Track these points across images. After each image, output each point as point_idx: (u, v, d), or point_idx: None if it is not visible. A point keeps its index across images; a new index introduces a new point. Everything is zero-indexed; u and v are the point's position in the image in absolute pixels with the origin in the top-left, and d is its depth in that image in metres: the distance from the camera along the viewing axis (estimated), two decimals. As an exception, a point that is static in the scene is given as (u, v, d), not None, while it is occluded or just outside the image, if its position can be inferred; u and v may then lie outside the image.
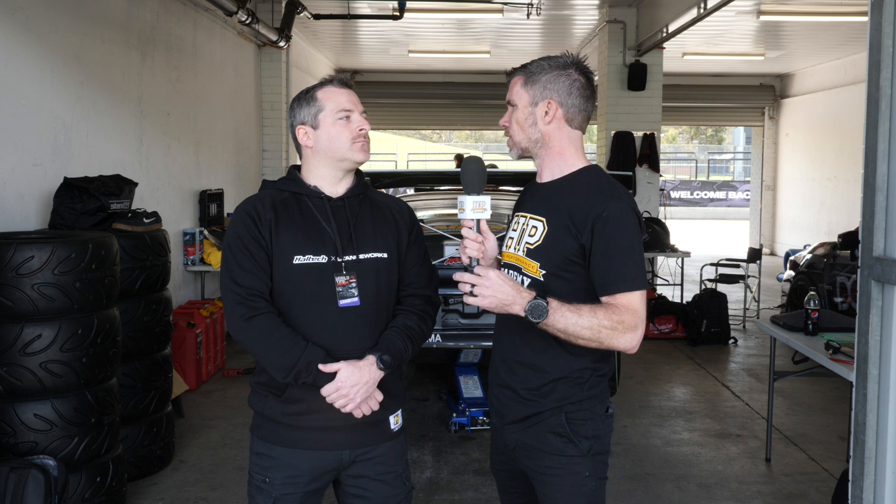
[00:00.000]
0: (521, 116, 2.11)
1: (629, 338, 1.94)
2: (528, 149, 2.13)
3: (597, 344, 1.94)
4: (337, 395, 2.07)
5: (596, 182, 2.08)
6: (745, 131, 29.60)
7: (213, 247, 6.95)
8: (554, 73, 2.09)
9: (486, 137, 34.42)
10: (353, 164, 2.20)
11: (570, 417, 2.07)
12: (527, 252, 2.08)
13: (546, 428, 2.08)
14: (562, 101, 2.08)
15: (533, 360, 2.09)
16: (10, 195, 4.29)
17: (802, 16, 9.92)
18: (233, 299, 2.09)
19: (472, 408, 5.12)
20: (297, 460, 2.16)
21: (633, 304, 1.95)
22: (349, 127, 2.16)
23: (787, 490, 4.29)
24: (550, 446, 2.08)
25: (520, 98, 2.11)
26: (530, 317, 1.90)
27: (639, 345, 1.96)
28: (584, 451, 2.07)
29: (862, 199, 2.36)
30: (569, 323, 1.91)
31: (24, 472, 3.23)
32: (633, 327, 1.94)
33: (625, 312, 1.94)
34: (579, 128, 2.13)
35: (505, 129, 2.17)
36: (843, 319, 4.49)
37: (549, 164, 2.13)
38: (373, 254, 2.18)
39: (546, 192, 2.13)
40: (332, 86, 2.20)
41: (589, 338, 1.93)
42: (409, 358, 2.21)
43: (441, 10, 9.86)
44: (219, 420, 5.32)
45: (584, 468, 2.07)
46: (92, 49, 5.25)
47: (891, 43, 2.25)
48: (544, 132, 2.09)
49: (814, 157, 14.36)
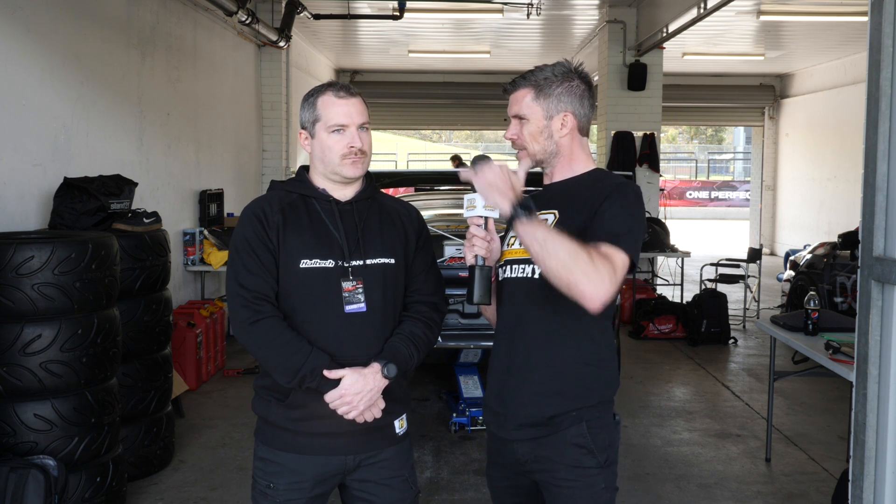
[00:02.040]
0: (534, 130, 2.09)
1: (597, 283, 1.82)
2: (543, 160, 2.13)
3: (565, 276, 1.83)
4: (340, 402, 2.06)
5: (608, 177, 2.12)
6: (745, 131, 29.59)
7: (213, 247, 6.94)
8: (565, 84, 2.08)
9: (486, 137, 34.42)
10: (343, 179, 2.16)
11: (591, 426, 2.05)
12: None
13: (565, 438, 2.05)
14: (575, 111, 2.09)
15: (547, 360, 2.07)
16: (10, 195, 4.28)
17: (802, 16, 9.92)
18: (238, 302, 2.08)
19: (472, 408, 5.12)
20: (302, 466, 2.14)
21: (613, 257, 1.89)
22: (341, 142, 2.12)
23: (787, 490, 4.29)
24: (568, 458, 2.05)
25: (531, 112, 2.09)
26: (519, 209, 1.88)
27: (600, 303, 1.83)
28: (601, 463, 2.06)
29: (862, 199, 2.36)
30: (548, 235, 1.85)
31: (24, 472, 3.23)
32: (603, 277, 1.83)
33: (605, 259, 1.86)
34: (587, 133, 2.17)
35: (512, 142, 2.15)
36: (843, 319, 4.49)
37: (561, 168, 2.14)
38: (380, 259, 2.16)
39: (557, 189, 2.14)
40: (332, 94, 2.14)
41: (559, 263, 1.82)
42: (415, 366, 2.19)
43: (441, 10, 9.86)
44: (219, 420, 5.32)
45: (600, 480, 2.06)
46: (92, 49, 5.25)
47: (891, 43, 2.25)
48: (559, 143, 2.10)
49: (814, 157, 14.36)
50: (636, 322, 8.26)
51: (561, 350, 2.06)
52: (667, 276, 10.81)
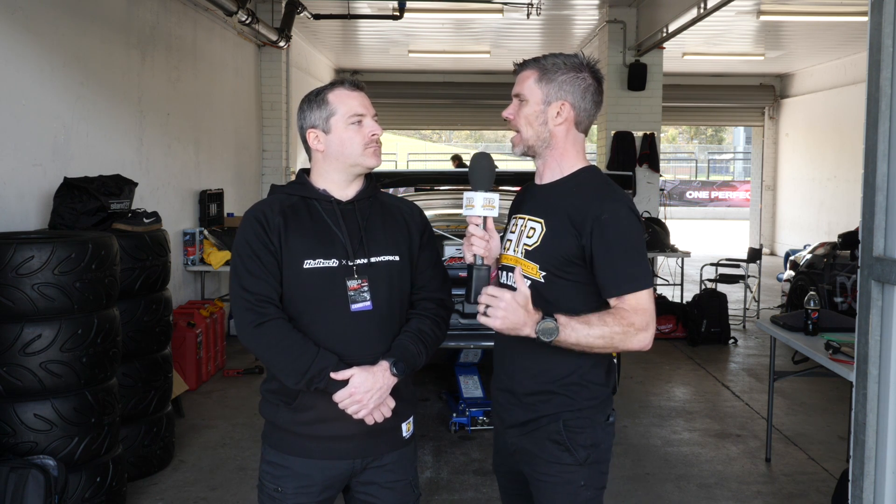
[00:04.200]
0: (530, 112, 2.07)
1: (641, 337, 1.96)
2: (533, 147, 2.10)
3: (611, 349, 1.97)
4: (350, 401, 2.04)
5: (593, 182, 2.07)
6: (745, 131, 29.60)
7: (213, 247, 6.94)
8: (570, 73, 2.06)
9: (486, 137, 34.42)
10: (365, 170, 2.17)
11: (568, 425, 2.06)
12: (525, 254, 2.07)
13: (544, 434, 2.07)
14: (574, 103, 2.06)
15: (533, 366, 2.08)
16: (10, 195, 4.28)
17: (802, 16, 9.92)
18: (242, 306, 2.06)
19: (472, 408, 5.12)
20: (310, 470, 2.13)
21: (641, 304, 1.95)
22: (361, 132, 2.12)
23: (787, 490, 4.29)
24: (547, 453, 2.07)
25: (532, 93, 2.07)
26: (542, 337, 1.90)
27: (651, 342, 1.98)
28: (580, 461, 2.05)
29: (862, 199, 2.35)
30: (580, 336, 1.92)
31: (24, 472, 3.23)
32: (644, 327, 1.95)
33: (634, 314, 1.94)
34: (584, 131, 2.13)
35: (508, 120, 2.13)
36: (843, 319, 4.49)
37: (551, 164, 2.12)
38: (384, 257, 2.15)
39: (545, 193, 2.12)
40: (343, 88, 2.15)
41: (603, 346, 1.95)
42: (423, 363, 2.18)
43: (441, 10, 9.86)
44: (219, 420, 5.32)
45: (579, 477, 2.06)
46: (92, 49, 5.25)
47: (891, 43, 2.24)
48: (553, 132, 2.08)
49: (814, 157, 14.36)
50: (636, 322, 8.24)
51: (548, 358, 2.05)
52: (667, 276, 10.81)
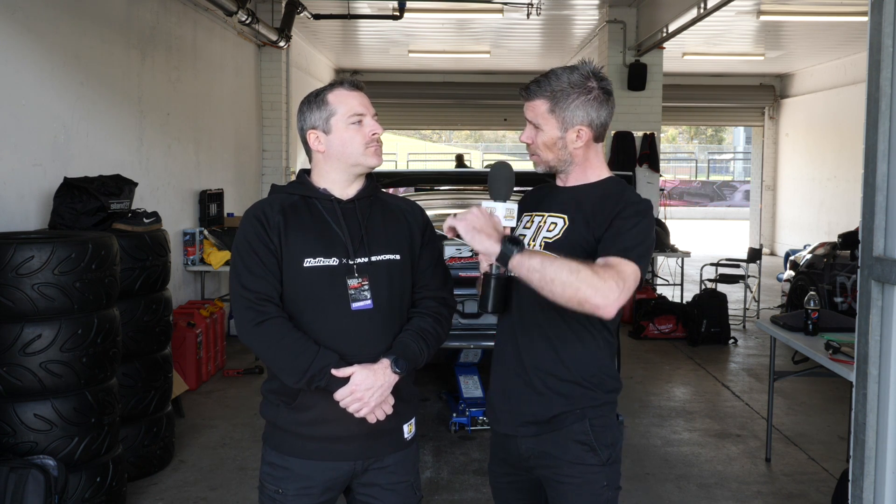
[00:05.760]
0: (548, 140, 2.09)
1: (606, 292, 1.83)
2: (556, 167, 2.13)
3: (573, 292, 1.83)
4: (351, 399, 2.03)
5: (620, 192, 2.10)
6: (745, 131, 29.59)
7: (213, 247, 6.94)
8: (581, 94, 2.05)
9: (486, 137, 34.41)
10: (366, 169, 2.17)
11: (594, 424, 2.06)
12: (545, 245, 2.07)
13: (568, 435, 2.06)
14: (591, 122, 2.08)
15: (550, 358, 2.07)
16: (10, 195, 4.28)
17: (802, 16, 9.92)
18: (242, 304, 2.05)
19: (472, 408, 5.12)
20: (311, 471, 2.12)
21: (622, 268, 1.90)
22: (362, 131, 2.12)
23: (787, 490, 4.29)
24: (571, 454, 2.06)
25: (546, 123, 2.08)
26: (506, 250, 1.88)
27: (614, 310, 1.86)
28: (603, 460, 2.06)
29: (862, 199, 2.36)
30: (546, 260, 1.86)
31: (24, 472, 3.23)
32: (614, 284, 1.85)
33: (611, 268, 1.89)
34: (602, 138, 2.15)
35: (527, 145, 2.15)
36: (843, 319, 4.49)
37: (575, 174, 2.15)
38: (385, 255, 2.15)
39: (570, 194, 2.14)
40: (343, 88, 2.15)
41: (564, 282, 1.83)
42: (425, 361, 2.17)
43: (441, 10, 9.86)
44: (219, 420, 5.32)
45: (602, 478, 2.07)
46: (92, 49, 5.24)
47: (891, 43, 2.25)
48: (574, 153, 2.10)
49: (814, 157, 14.36)
50: (636, 322, 8.26)
51: (567, 351, 2.07)
52: (667, 276, 10.81)
